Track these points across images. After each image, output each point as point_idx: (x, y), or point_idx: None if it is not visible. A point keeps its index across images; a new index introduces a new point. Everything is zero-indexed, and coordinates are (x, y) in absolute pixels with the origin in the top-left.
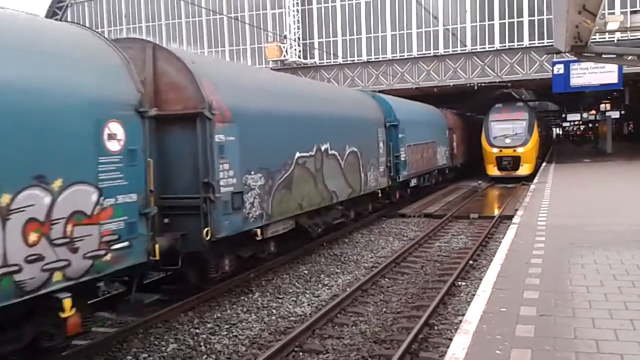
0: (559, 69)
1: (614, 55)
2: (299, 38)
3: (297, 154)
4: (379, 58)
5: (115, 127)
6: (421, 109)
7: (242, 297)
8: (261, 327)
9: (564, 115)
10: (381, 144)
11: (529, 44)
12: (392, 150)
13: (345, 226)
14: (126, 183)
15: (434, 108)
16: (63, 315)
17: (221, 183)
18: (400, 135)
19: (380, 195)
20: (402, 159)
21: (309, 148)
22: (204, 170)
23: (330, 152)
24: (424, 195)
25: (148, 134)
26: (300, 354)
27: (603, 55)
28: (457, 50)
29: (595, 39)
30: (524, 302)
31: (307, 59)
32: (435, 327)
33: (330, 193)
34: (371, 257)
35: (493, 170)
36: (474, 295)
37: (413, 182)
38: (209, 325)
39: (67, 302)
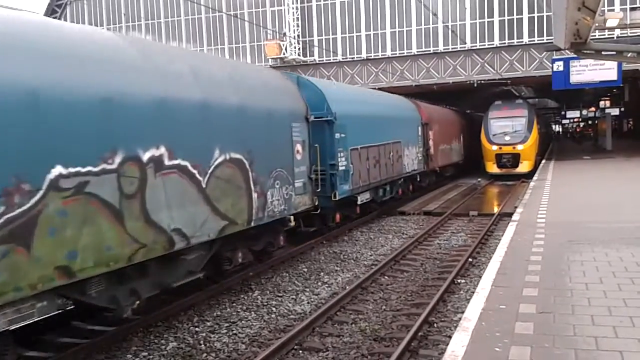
0: (559, 66)
1: (614, 52)
2: (298, 35)
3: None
4: (378, 55)
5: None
6: (376, 100)
7: (242, 296)
8: (261, 325)
9: (563, 113)
10: (298, 147)
11: (529, 41)
12: (323, 155)
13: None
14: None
15: (401, 98)
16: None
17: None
18: (337, 135)
19: (293, 222)
20: (342, 167)
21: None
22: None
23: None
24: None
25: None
26: (300, 352)
27: (603, 52)
28: (456, 48)
29: (595, 36)
30: (523, 299)
31: (306, 56)
32: (435, 325)
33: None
34: (371, 255)
35: (492, 168)
36: (473, 292)
37: (363, 198)
38: (208, 324)
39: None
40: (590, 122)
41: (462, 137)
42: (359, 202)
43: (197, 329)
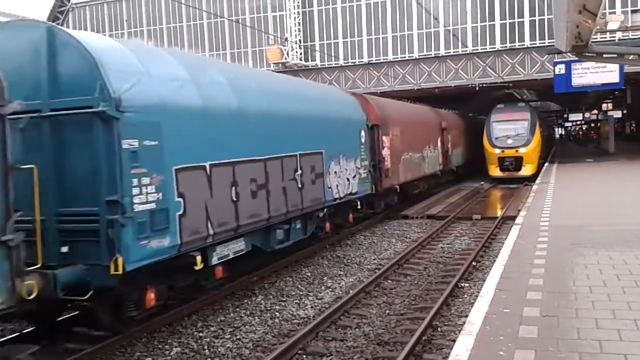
0: (560, 69)
1: (615, 55)
2: (300, 40)
3: None
4: (380, 60)
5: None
6: (276, 87)
7: (246, 300)
8: (264, 330)
9: (565, 115)
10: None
11: (530, 44)
12: (76, 187)
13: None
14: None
15: (333, 90)
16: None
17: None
18: (131, 144)
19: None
20: (145, 206)
21: None
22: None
23: None
24: (420, 200)
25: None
26: (304, 356)
27: (604, 55)
28: (458, 51)
29: (596, 38)
30: (527, 302)
31: (308, 61)
32: (439, 329)
33: None
34: (374, 259)
35: (495, 171)
36: (477, 296)
37: (225, 252)
38: (212, 329)
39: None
40: (592, 124)
41: (444, 141)
42: (213, 262)
43: (201, 334)
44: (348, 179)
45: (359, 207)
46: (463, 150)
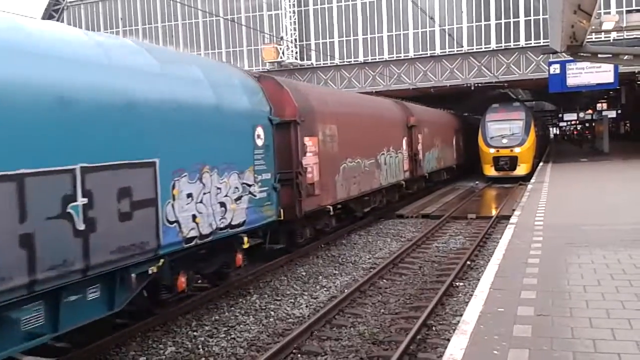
0: (555, 68)
1: (610, 55)
2: (295, 39)
3: None
4: (375, 59)
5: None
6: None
7: (240, 300)
8: (259, 329)
9: (560, 115)
10: None
11: (525, 44)
12: None
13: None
14: None
15: (181, 55)
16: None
17: None
18: None
19: None
20: None
21: None
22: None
23: None
24: (420, 197)
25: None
26: (299, 355)
27: (599, 55)
28: (453, 51)
29: (591, 38)
30: (521, 302)
31: (303, 60)
32: (434, 328)
33: None
34: (369, 259)
35: (490, 171)
36: (471, 295)
37: None
38: (207, 328)
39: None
40: (587, 124)
41: (412, 142)
42: None
43: (195, 333)
44: (224, 204)
45: (256, 241)
46: (442, 153)
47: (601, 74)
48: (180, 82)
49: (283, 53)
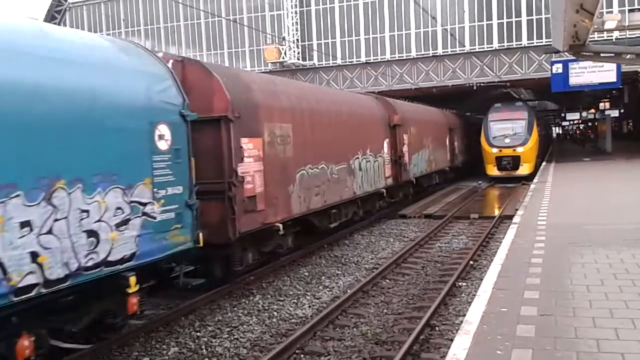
0: (558, 68)
1: (612, 54)
2: (297, 40)
3: None
4: (377, 59)
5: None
6: None
7: (243, 300)
8: (262, 330)
9: (563, 115)
10: None
11: (528, 43)
12: None
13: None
14: None
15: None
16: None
17: None
18: None
19: None
20: None
21: None
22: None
23: None
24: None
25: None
26: (302, 356)
27: (601, 54)
28: (455, 51)
29: (594, 38)
30: (524, 302)
31: (306, 60)
32: (437, 328)
33: None
34: (372, 259)
35: (493, 170)
36: (474, 295)
37: None
38: (210, 328)
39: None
40: (590, 124)
41: (397, 144)
42: None
43: (198, 333)
44: (95, 233)
45: (150, 283)
46: (433, 154)
47: (604, 73)
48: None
49: (285, 53)
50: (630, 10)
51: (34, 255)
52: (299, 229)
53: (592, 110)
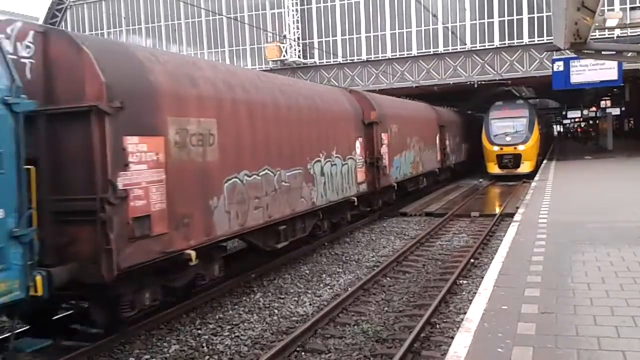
0: (559, 66)
1: (614, 52)
2: (298, 38)
3: None
4: (378, 57)
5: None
6: None
7: (244, 298)
8: (263, 328)
9: (564, 113)
10: None
11: (529, 41)
12: None
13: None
14: None
15: None
16: None
17: None
18: None
19: None
20: None
21: None
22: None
23: None
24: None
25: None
26: (302, 353)
27: (603, 52)
28: (456, 49)
29: (595, 35)
30: (525, 299)
31: (306, 58)
32: (437, 326)
33: None
34: (372, 256)
35: (494, 168)
36: (475, 293)
37: None
38: (211, 326)
39: None
40: (591, 122)
41: (380, 145)
42: None
43: (199, 331)
44: None
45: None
46: (420, 155)
47: (605, 71)
48: None
49: (286, 51)
50: (632, 8)
51: None
52: (234, 252)
53: (593, 108)
